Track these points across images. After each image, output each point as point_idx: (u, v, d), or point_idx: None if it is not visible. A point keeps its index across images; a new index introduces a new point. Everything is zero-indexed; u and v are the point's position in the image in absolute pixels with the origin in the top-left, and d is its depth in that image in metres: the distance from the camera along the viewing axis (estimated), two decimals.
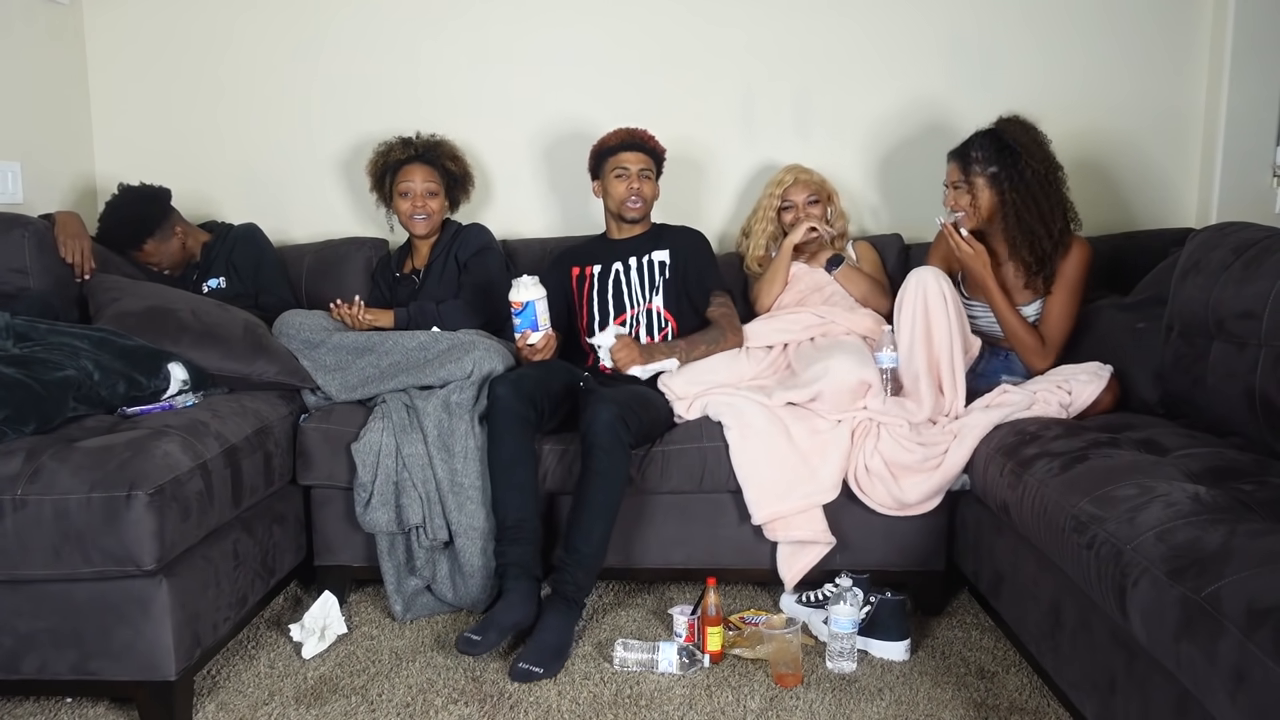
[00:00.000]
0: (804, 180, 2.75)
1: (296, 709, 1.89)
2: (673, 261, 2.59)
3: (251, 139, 3.09)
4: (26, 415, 1.80)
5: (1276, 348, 1.71)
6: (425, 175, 2.69)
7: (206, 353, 2.23)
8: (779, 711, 1.86)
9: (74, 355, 1.97)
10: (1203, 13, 2.89)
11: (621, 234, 2.66)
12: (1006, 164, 2.34)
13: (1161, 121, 2.95)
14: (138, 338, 2.15)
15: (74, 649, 1.75)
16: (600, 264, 2.62)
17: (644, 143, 2.60)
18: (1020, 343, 2.38)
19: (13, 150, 2.72)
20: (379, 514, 2.22)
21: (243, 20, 3.04)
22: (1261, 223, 2.01)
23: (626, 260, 2.60)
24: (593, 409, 2.12)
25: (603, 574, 2.26)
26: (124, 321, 2.20)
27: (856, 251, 2.79)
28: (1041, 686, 1.92)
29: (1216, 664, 1.18)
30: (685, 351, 2.46)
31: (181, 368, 2.16)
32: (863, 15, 2.95)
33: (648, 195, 2.60)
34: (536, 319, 2.36)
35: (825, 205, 2.76)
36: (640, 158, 2.58)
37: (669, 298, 2.57)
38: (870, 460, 2.19)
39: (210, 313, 2.33)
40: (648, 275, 2.58)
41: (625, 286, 2.59)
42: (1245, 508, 1.44)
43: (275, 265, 2.79)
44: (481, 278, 2.65)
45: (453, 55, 3.03)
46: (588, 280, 2.62)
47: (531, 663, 1.97)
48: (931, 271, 2.31)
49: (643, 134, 2.61)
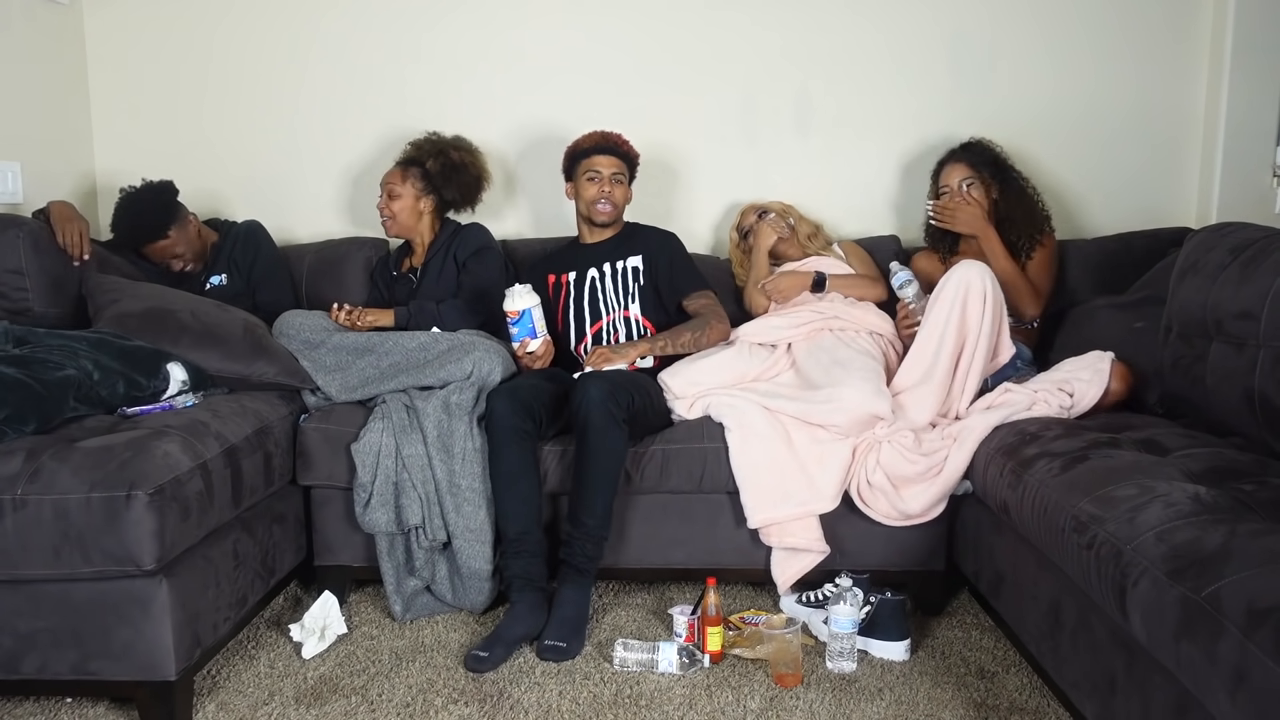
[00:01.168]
0: (753, 206, 2.82)
1: (296, 709, 1.89)
2: (646, 267, 2.58)
3: (252, 138, 3.09)
4: (27, 415, 1.81)
5: (1275, 348, 1.71)
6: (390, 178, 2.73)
7: (207, 353, 2.23)
8: (779, 711, 1.86)
9: (73, 356, 1.97)
10: (1203, 13, 2.89)
11: (593, 238, 2.66)
12: (999, 164, 2.66)
13: (1161, 121, 2.95)
14: (137, 339, 2.15)
15: (74, 649, 1.75)
16: (575, 271, 2.62)
17: (617, 146, 2.59)
18: (1015, 287, 2.52)
19: (13, 150, 2.72)
20: (378, 514, 2.22)
21: (242, 21, 3.04)
22: (1261, 223, 2.01)
23: (600, 266, 2.60)
24: (582, 389, 2.14)
25: (603, 574, 2.27)
26: (124, 323, 2.20)
27: (844, 250, 2.79)
28: (1041, 686, 1.92)
29: (1216, 664, 1.18)
30: (669, 342, 2.45)
31: (180, 368, 2.16)
32: (865, 16, 2.95)
33: (618, 200, 2.60)
34: (534, 326, 2.37)
35: (781, 216, 2.78)
36: (613, 161, 2.58)
37: (645, 304, 2.57)
38: (873, 475, 2.18)
39: (210, 313, 2.33)
40: (621, 282, 2.58)
41: (600, 294, 2.59)
42: (1245, 508, 1.44)
43: (273, 263, 2.79)
44: (481, 279, 2.65)
45: (452, 55, 3.03)
46: (564, 288, 2.62)
47: (555, 638, 2.02)
48: (978, 268, 2.26)
49: (616, 138, 2.61)
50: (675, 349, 2.46)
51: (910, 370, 2.30)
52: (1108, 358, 2.18)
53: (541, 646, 2.02)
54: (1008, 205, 2.63)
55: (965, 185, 2.63)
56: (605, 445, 2.10)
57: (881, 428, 2.21)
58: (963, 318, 2.23)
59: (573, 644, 2.04)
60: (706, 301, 2.56)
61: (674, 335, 2.47)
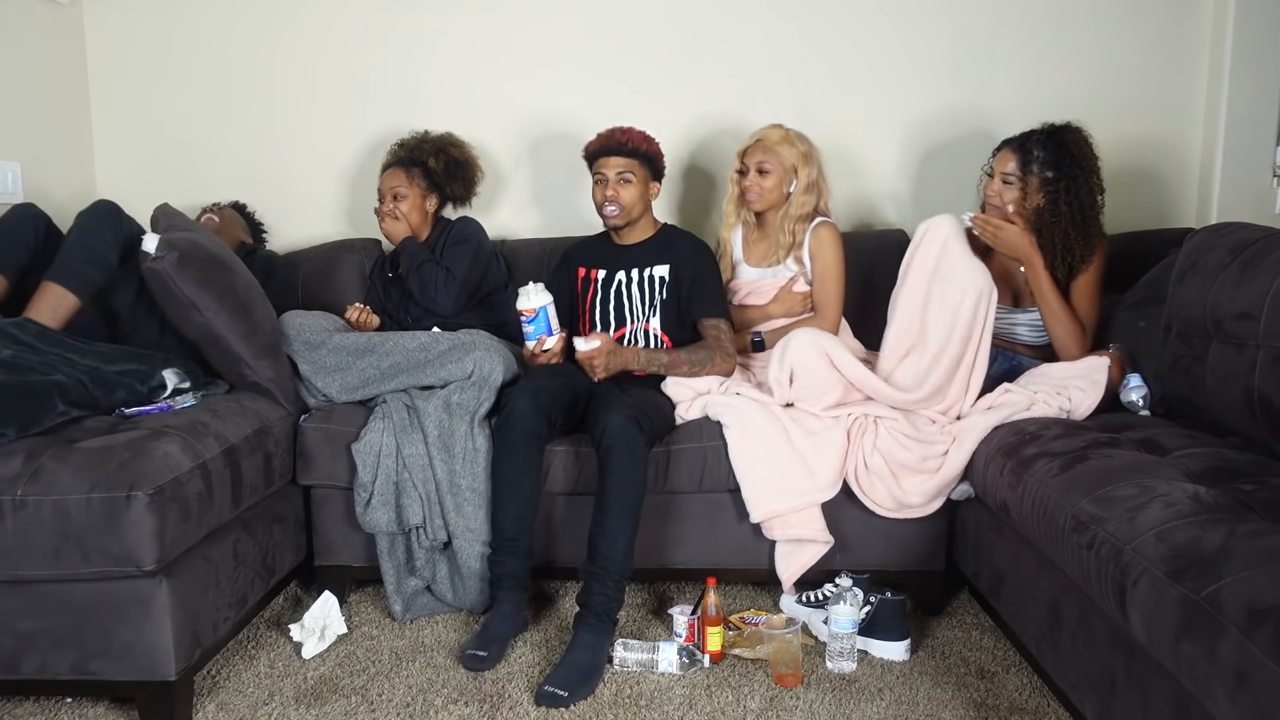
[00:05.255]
0: (764, 144, 2.52)
1: (296, 709, 1.89)
2: (672, 278, 2.48)
3: (252, 139, 3.09)
4: (8, 419, 1.79)
5: (1275, 348, 1.71)
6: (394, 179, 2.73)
7: (233, 323, 2.16)
8: (779, 711, 1.86)
9: (68, 363, 1.96)
10: (1203, 13, 2.89)
11: (623, 239, 2.55)
12: (1067, 173, 2.29)
13: (1161, 122, 2.94)
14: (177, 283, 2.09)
15: (74, 649, 1.75)
16: (605, 269, 2.54)
17: (622, 145, 2.43)
18: (1062, 324, 2.29)
19: (13, 150, 2.72)
20: (379, 514, 2.22)
21: (242, 20, 3.04)
22: (1261, 223, 2.01)
23: (629, 270, 2.51)
24: (606, 413, 2.11)
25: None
26: (193, 254, 2.11)
27: (813, 239, 2.52)
28: (1041, 686, 1.92)
29: (1216, 664, 1.18)
30: (666, 367, 2.39)
31: (174, 374, 2.14)
32: (872, 15, 2.95)
33: (625, 200, 2.44)
34: (550, 324, 2.35)
35: (782, 177, 2.51)
36: (619, 161, 2.43)
37: (666, 318, 2.48)
38: (870, 458, 2.19)
39: (256, 297, 2.27)
40: (647, 291, 2.49)
41: (626, 299, 2.51)
42: (1245, 508, 1.44)
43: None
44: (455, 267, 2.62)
45: (451, 56, 3.03)
46: (593, 285, 2.54)
47: (558, 685, 1.88)
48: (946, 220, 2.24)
49: (622, 135, 2.45)
50: (667, 373, 2.40)
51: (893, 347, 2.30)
52: (1104, 367, 2.17)
53: (541, 691, 1.88)
54: (1063, 222, 2.29)
55: (1003, 180, 2.35)
56: (629, 474, 2.05)
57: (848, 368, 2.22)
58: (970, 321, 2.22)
59: (575, 694, 1.88)
60: (716, 334, 2.43)
61: (673, 362, 2.39)
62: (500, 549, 2.14)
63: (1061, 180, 2.29)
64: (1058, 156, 2.29)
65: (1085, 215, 2.30)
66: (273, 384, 2.27)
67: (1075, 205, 2.29)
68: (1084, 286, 2.35)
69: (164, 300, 2.12)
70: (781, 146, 2.51)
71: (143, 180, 3.06)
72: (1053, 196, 2.30)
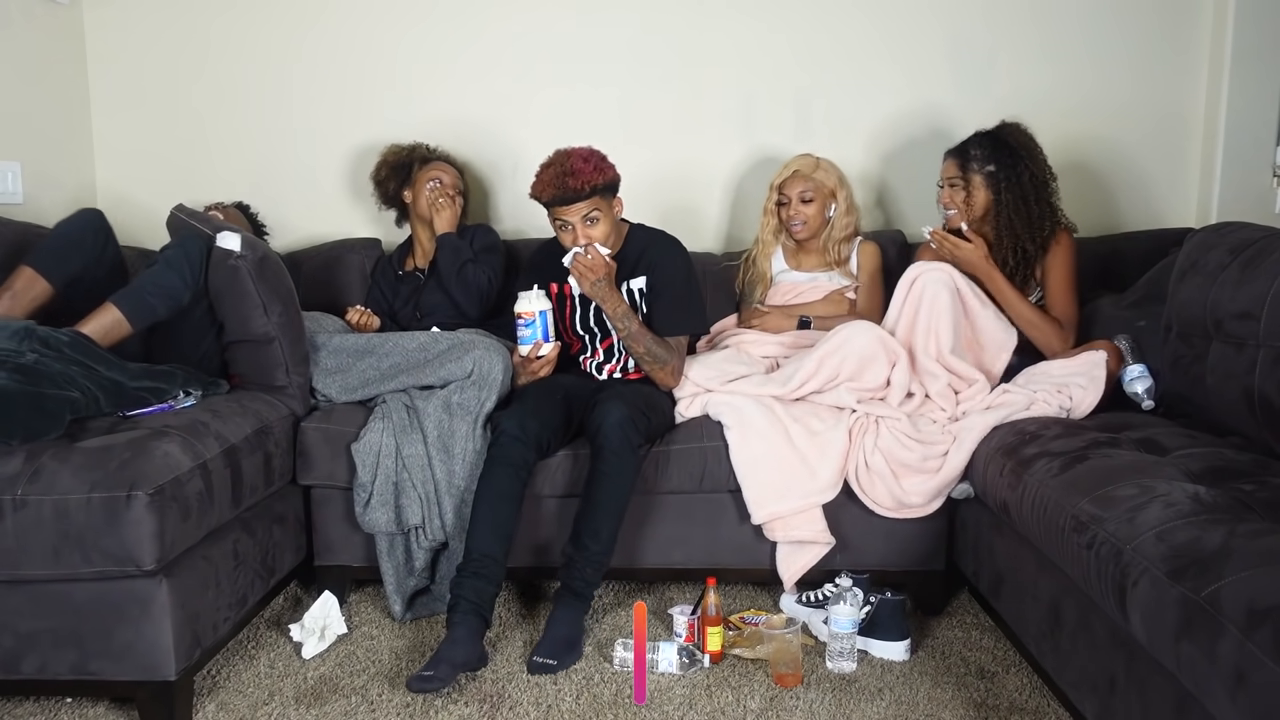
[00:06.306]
0: (802, 173, 2.66)
1: (296, 709, 1.89)
2: (649, 288, 2.40)
3: (252, 139, 3.09)
4: (13, 429, 1.77)
5: (1275, 348, 1.71)
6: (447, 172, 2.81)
7: (289, 328, 2.21)
8: (779, 711, 1.86)
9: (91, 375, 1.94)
10: (1203, 13, 2.89)
11: None
12: (1004, 164, 2.40)
13: (1162, 122, 2.95)
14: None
15: (74, 649, 1.75)
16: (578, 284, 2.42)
17: (579, 192, 2.21)
18: (1036, 329, 2.35)
19: (13, 150, 2.72)
20: (378, 514, 2.22)
21: (241, 20, 3.03)
22: (1261, 223, 2.01)
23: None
24: (602, 410, 2.11)
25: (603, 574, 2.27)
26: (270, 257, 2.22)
27: (860, 254, 2.72)
28: (1041, 686, 1.92)
29: (1216, 664, 1.18)
30: (629, 336, 2.29)
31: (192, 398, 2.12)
32: (865, 16, 2.95)
33: (597, 237, 2.28)
34: (548, 329, 2.34)
35: (824, 202, 2.67)
36: (580, 207, 2.24)
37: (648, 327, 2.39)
38: (871, 457, 2.19)
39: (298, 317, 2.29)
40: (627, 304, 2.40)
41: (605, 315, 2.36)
42: (1245, 508, 1.44)
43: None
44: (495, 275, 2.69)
45: (455, 55, 3.03)
46: (569, 301, 2.46)
47: (545, 655, 2.00)
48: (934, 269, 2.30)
49: (573, 181, 2.21)
50: (625, 341, 2.32)
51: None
52: (1102, 362, 2.18)
53: (531, 661, 1.99)
54: (1009, 211, 2.39)
55: (949, 185, 2.47)
56: (620, 472, 2.08)
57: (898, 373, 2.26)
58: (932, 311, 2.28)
59: (563, 661, 2.01)
60: (676, 348, 2.36)
61: (638, 338, 2.29)
62: (464, 569, 2.04)
63: (1001, 171, 2.40)
64: (995, 151, 2.41)
65: (1030, 201, 2.39)
66: (300, 389, 2.31)
67: (1018, 192, 2.39)
68: (1056, 281, 2.41)
69: (232, 297, 2.15)
70: (819, 173, 2.67)
71: (143, 180, 3.06)
72: (995, 188, 2.41)
